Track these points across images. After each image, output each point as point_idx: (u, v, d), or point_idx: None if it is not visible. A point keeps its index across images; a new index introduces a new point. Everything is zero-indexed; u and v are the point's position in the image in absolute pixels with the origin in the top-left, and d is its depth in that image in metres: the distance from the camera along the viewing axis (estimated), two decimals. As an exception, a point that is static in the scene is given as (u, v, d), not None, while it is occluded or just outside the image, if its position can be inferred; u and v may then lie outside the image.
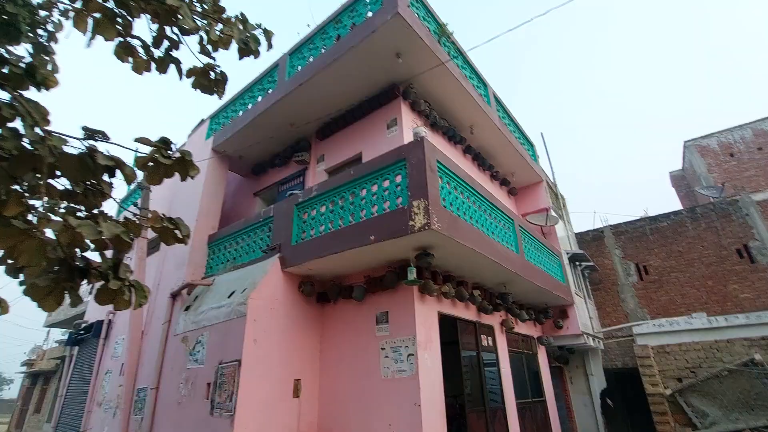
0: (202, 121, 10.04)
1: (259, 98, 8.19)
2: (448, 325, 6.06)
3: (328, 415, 5.59)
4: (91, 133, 2.55)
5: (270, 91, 7.95)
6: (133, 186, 12.06)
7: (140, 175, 2.69)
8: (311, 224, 5.94)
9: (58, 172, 2.44)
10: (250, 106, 8.39)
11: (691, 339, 7.92)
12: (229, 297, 5.82)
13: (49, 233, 2.32)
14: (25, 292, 2.32)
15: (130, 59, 3.07)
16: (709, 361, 7.55)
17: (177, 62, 3.21)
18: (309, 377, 5.78)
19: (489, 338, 6.92)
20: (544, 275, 7.85)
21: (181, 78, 3.28)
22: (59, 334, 20.97)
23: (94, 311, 10.60)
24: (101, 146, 2.57)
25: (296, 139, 8.38)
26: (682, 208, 15.28)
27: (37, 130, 2.41)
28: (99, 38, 3.00)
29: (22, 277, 2.43)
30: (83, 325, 10.59)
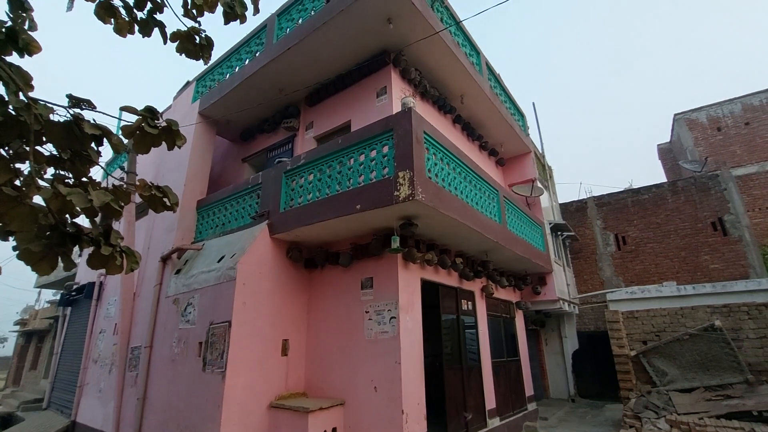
0: (188, 83, 9.80)
1: (247, 61, 8.00)
2: (430, 291, 6.36)
3: (315, 372, 5.96)
4: (76, 101, 2.58)
5: (258, 53, 7.77)
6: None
7: (127, 143, 2.74)
8: (299, 192, 6.04)
9: (45, 139, 2.49)
10: (237, 69, 8.20)
11: (660, 306, 8.42)
12: (218, 261, 5.99)
13: (38, 200, 2.39)
14: (19, 257, 2.42)
15: (112, 20, 3.02)
16: (673, 326, 8.09)
17: (161, 25, 3.17)
18: (297, 337, 6.09)
19: (469, 303, 7.28)
20: (525, 244, 8.15)
21: (165, 42, 3.24)
22: (50, 294, 21.19)
23: (84, 273, 10.74)
24: (88, 114, 2.61)
25: (285, 105, 8.28)
26: (666, 181, 15.63)
27: (22, 96, 2.44)
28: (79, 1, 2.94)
29: (12, 241, 2.53)
30: (75, 287, 10.78)
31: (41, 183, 2.51)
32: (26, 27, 3.49)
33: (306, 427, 4.85)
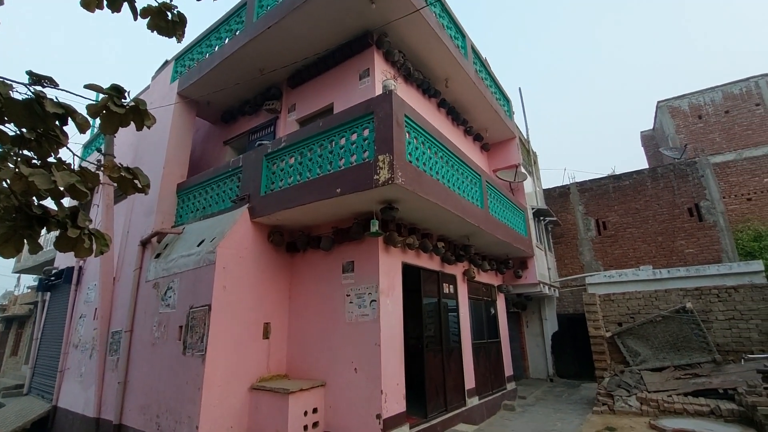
0: (167, 62, 9.50)
1: (227, 40, 7.78)
2: (412, 274, 6.43)
3: (296, 354, 6.02)
4: (37, 79, 2.49)
5: (237, 32, 7.55)
6: (96, 130, 11.54)
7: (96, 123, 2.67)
8: (280, 175, 5.98)
9: (5, 118, 2.40)
10: (216, 48, 7.97)
11: (635, 289, 8.70)
12: (198, 245, 5.93)
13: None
14: (-18, 239, 2.36)
15: (80, -6, 2.90)
16: (647, 308, 8.37)
17: (130, 0, 3.05)
18: (278, 320, 6.12)
19: (451, 286, 7.39)
20: (507, 229, 8.26)
21: (135, 18, 3.13)
22: (31, 279, 20.76)
23: (63, 258, 10.54)
24: (51, 93, 2.52)
25: (267, 87, 8.11)
26: (647, 167, 15.92)
27: (-22, 73, 2.34)
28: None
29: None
30: (53, 272, 10.58)
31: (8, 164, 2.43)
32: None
33: (287, 408, 4.93)
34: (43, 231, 2.63)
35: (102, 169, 2.79)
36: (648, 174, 13.00)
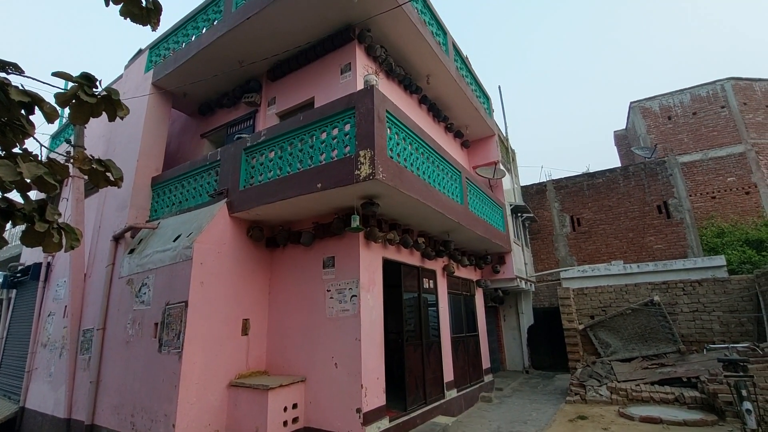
0: (140, 50, 9.17)
1: (204, 30, 7.57)
2: (392, 270, 6.47)
3: (276, 351, 5.98)
4: (1, 65, 2.39)
5: (216, 22, 7.36)
6: (65, 120, 11.06)
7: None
8: (259, 170, 5.89)
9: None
10: (194, 38, 7.75)
11: (607, 283, 9.05)
12: (174, 241, 5.80)
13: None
14: (-58, 233, 2.25)
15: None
16: (618, 302, 8.72)
17: (102, -16, 2.94)
18: (257, 316, 6.06)
19: (431, 281, 7.47)
20: (486, 225, 8.40)
21: (107, 4, 3.02)
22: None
23: (30, 253, 10.11)
24: (16, 80, 2.41)
25: (246, 79, 7.96)
26: (620, 166, 16.46)
27: (-64, 58, 2.22)
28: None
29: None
30: (20, 268, 10.14)
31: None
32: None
33: (266, 404, 4.90)
34: (9, 225, 2.53)
35: (72, 161, 2.69)
36: (620, 172, 13.47)
